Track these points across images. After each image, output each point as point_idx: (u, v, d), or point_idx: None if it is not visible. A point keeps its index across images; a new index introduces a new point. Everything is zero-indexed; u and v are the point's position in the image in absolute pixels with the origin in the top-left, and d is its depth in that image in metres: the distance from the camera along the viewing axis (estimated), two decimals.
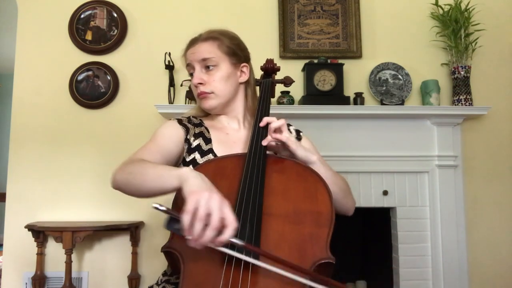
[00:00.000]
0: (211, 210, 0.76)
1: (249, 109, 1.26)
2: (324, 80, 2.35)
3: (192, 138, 1.17)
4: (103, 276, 2.38)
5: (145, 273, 2.37)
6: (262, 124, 1.10)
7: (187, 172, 0.87)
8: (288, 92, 2.37)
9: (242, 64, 1.24)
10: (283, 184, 1.01)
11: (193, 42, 1.23)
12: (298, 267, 0.82)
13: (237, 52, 1.22)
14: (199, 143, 1.16)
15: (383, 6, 2.57)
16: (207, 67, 1.19)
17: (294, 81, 1.37)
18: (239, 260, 0.82)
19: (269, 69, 1.34)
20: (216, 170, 1.02)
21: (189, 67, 1.23)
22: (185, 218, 0.75)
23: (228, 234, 0.76)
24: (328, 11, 2.56)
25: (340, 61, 2.41)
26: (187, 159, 1.14)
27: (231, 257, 0.83)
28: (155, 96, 2.44)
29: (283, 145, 1.08)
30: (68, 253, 2.13)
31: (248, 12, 2.53)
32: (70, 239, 2.12)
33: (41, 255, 2.27)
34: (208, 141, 1.17)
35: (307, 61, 2.42)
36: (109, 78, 2.46)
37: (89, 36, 2.49)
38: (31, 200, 2.39)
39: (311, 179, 1.03)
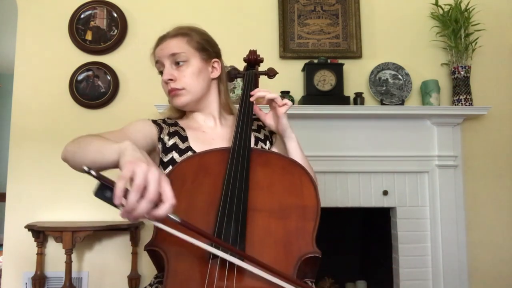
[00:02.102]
0: (148, 182, 0.69)
1: (223, 106, 1.25)
2: (324, 80, 2.35)
3: (166, 137, 1.14)
4: (103, 276, 2.38)
5: (145, 273, 2.37)
6: (252, 98, 1.15)
7: (128, 145, 0.80)
8: (288, 92, 2.37)
9: (213, 60, 1.22)
10: (268, 178, 0.99)
11: (161, 39, 1.21)
12: (278, 272, 0.79)
13: (207, 47, 1.20)
14: (175, 142, 1.14)
15: (383, 6, 2.57)
16: (177, 63, 1.16)
17: (277, 73, 1.33)
18: (223, 257, 0.80)
19: (252, 60, 1.31)
20: (199, 166, 1.00)
21: (159, 64, 1.21)
22: (119, 184, 0.68)
23: (164, 209, 0.70)
24: (328, 11, 2.56)
25: (340, 61, 2.41)
26: (165, 160, 1.12)
27: (215, 255, 0.80)
28: (155, 96, 2.43)
29: (271, 105, 1.15)
30: (68, 253, 2.13)
31: (248, 12, 2.53)
32: (70, 239, 2.12)
33: (41, 255, 2.27)
34: (184, 139, 1.15)
35: (307, 61, 2.42)
36: (109, 78, 2.46)
37: (89, 36, 2.49)
38: (31, 200, 2.39)
39: (296, 173, 1.01)
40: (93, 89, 2.45)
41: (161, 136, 1.15)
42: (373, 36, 2.55)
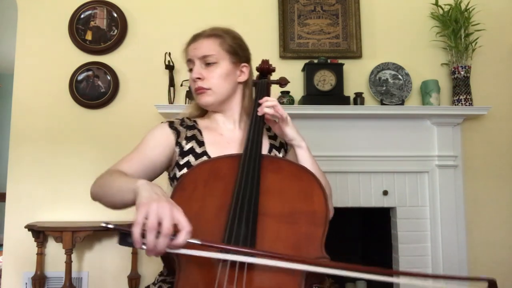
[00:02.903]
0: (161, 218, 0.76)
1: (245, 110, 1.27)
2: (324, 80, 2.35)
3: (184, 142, 1.17)
4: (103, 276, 2.38)
5: (145, 273, 2.37)
6: (260, 113, 1.15)
7: (140, 185, 0.87)
8: (288, 92, 2.37)
9: (242, 64, 1.24)
10: (278, 184, 1.01)
11: (195, 38, 1.22)
12: (294, 258, 0.82)
13: (238, 51, 1.22)
14: (192, 146, 1.17)
15: (383, 6, 2.57)
16: (207, 64, 1.18)
17: (289, 82, 1.37)
18: (233, 259, 0.82)
19: (265, 69, 1.34)
20: (211, 171, 1.03)
21: (189, 62, 1.23)
22: (135, 231, 0.75)
23: (182, 238, 0.76)
24: (328, 11, 2.56)
25: (340, 61, 2.41)
26: (181, 162, 1.15)
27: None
28: (155, 96, 2.44)
29: (276, 121, 1.16)
30: (68, 253, 2.13)
31: (248, 12, 2.53)
32: (70, 239, 2.12)
33: (41, 255, 2.27)
34: (201, 143, 1.18)
35: (307, 61, 2.42)
36: (109, 78, 2.46)
37: (89, 36, 2.49)
38: (31, 200, 2.39)
39: (306, 179, 1.04)
40: (93, 89, 2.45)
41: (179, 141, 1.17)
42: (373, 36, 2.55)
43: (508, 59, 2.56)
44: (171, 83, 2.40)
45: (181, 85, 2.41)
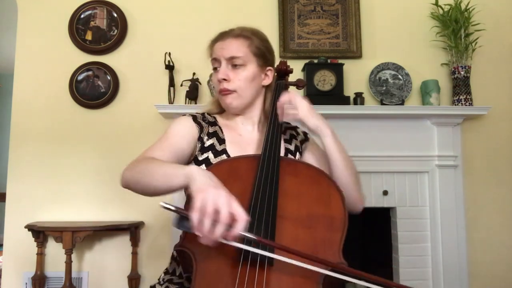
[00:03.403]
0: (219, 206, 0.76)
1: (265, 113, 1.25)
2: (324, 80, 2.35)
3: (205, 137, 1.16)
4: (103, 276, 2.38)
5: (145, 273, 2.37)
6: (280, 117, 1.15)
7: (194, 170, 0.87)
8: None
9: (268, 68, 1.22)
10: (296, 187, 1.01)
11: (223, 36, 1.19)
12: (315, 257, 0.82)
13: (266, 54, 1.20)
14: (213, 143, 1.16)
15: (383, 6, 2.57)
16: (234, 65, 1.16)
17: (306, 84, 1.36)
18: (254, 258, 0.82)
19: (283, 71, 1.32)
20: (229, 171, 1.02)
21: (215, 61, 1.19)
22: (194, 216, 0.76)
23: (239, 228, 0.77)
24: (328, 11, 2.56)
25: (340, 61, 2.41)
26: (200, 158, 1.14)
27: (246, 254, 0.83)
28: (155, 96, 2.44)
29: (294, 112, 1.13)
30: (68, 253, 2.13)
31: (248, 12, 2.53)
32: (70, 239, 2.12)
33: (41, 255, 2.27)
34: (222, 141, 1.17)
35: (307, 61, 2.42)
36: (109, 78, 2.46)
37: (89, 36, 2.49)
38: (31, 200, 2.39)
39: (324, 183, 1.03)
40: (93, 89, 2.45)
41: (201, 136, 1.16)
42: (373, 36, 2.55)
43: (508, 59, 2.56)
44: (171, 83, 2.40)
45: (181, 85, 2.41)
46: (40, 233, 2.25)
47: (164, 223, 2.39)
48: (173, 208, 0.77)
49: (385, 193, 2.36)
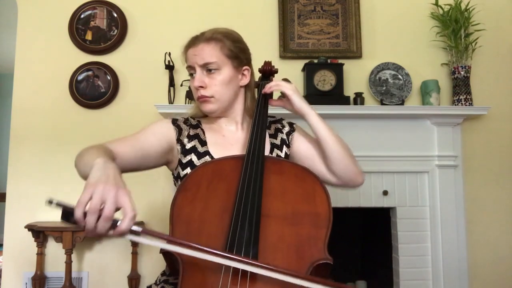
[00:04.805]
0: (104, 201, 0.75)
1: (247, 111, 1.26)
2: (324, 80, 2.35)
3: (185, 140, 1.17)
4: (103, 276, 2.38)
5: (145, 273, 2.37)
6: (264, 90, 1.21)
7: (96, 163, 0.84)
8: None
9: (244, 67, 1.22)
10: (281, 186, 1.01)
11: (194, 42, 1.19)
12: (290, 272, 0.80)
13: (239, 55, 1.20)
14: (195, 145, 1.16)
15: (383, 6, 2.57)
16: (208, 70, 1.16)
17: (291, 83, 1.37)
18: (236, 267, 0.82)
19: (267, 71, 1.33)
20: (214, 172, 1.03)
21: (190, 68, 1.21)
22: (77, 211, 0.76)
23: (125, 224, 0.75)
24: (328, 11, 2.56)
25: (340, 61, 2.41)
26: (184, 161, 1.14)
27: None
28: (155, 96, 2.44)
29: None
30: (68, 253, 2.13)
31: (248, 12, 2.53)
32: (70, 239, 2.12)
33: (41, 255, 2.27)
34: (203, 143, 1.17)
35: (307, 61, 2.42)
36: (109, 78, 2.46)
37: (89, 36, 2.49)
38: (31, 200, 2.39)
39: (309, 180, 1.04)
40: (93, 89, 2.45)
41: (180, 138, 1.17)
42: (373, 36, 2.55)
43: (508, 59, 2.56)
44: (171, 83, 2.41)
45: (181, 85, 2.41)
46: (40, 233, 2.25)
47: (164, 223, 2.38)
48: (57, 203, 0.79)
49: (385, 193, 2.36)
